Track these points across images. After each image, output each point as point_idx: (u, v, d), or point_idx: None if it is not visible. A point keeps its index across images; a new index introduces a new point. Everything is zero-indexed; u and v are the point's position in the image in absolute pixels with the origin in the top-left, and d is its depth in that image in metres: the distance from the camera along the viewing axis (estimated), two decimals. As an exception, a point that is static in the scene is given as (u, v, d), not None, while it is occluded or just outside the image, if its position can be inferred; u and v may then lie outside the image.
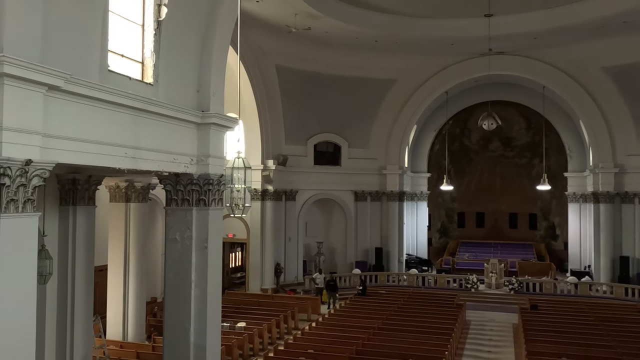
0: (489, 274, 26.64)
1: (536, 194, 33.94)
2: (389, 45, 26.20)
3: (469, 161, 37.07)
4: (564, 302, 23.02)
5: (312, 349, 14.56)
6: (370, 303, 21.94)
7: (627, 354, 14.29)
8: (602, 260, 26.94)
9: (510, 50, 27.05)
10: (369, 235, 30.25)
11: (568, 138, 31.54)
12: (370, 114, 29.85)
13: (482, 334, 19.56)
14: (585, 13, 22.28)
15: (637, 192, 26.30)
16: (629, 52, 24.71)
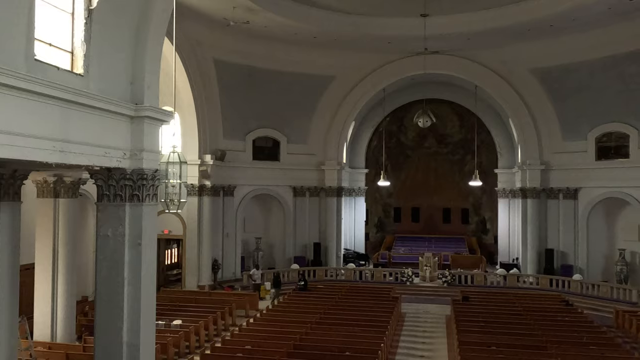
0: (424, 267, 27.37)
1: (468, 190, 35.14)
2: (328, 41, 26.39)
3: (405, 157, 37.89)
4: (493, 293, 23.98)
5: (250, 345, 14.51)
6: (308, 298, 22.07)
7: (551, 342, 15.08)
8: (529, 253, 28.25)
9: (445, 50, 27.84)
10: (307, 230, 30.40)
11: (498, 136, 32.83)
12: (309, 110, 29.96)
13: (417, 326, 20.09)
14: (515, 16, 23.26)
15: (561, 188, 27.72)
16: (555, 54, 25.98)
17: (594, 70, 25.40)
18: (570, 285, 24.88)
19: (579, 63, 25.64)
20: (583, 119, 26.61)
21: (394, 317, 18.66)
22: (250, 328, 16.96)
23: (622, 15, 21.91)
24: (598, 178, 26.23)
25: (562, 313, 19.69)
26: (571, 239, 27.33)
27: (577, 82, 26.21)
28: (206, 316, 18.02)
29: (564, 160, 27.62)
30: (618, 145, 25.94)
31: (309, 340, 15.11)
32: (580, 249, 27.08)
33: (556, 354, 13.76)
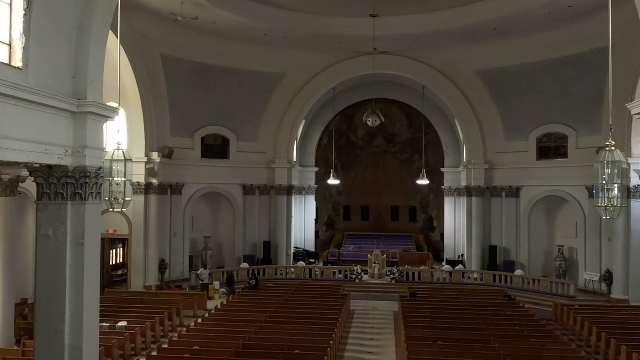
0: (373, 264, 27.71)
1: (416, 188, 35.82)
2: (278, 39, 26.32)
3: (355, 156, 38.26)
4: (440, 289, 24.54)
5: (198, 346, 14.31)
6: (258, 297, 21.96)
7: (494, 335, 15.57)
8: (473, 249, 29.07)
9: (393, 50, 28.26)
10: (257, 229, 30.25)
11: (445, 136, 33.60)
12: (259, 108, 29.80)
13: (366, 323, 20.33)
14: (461, 19, 23.85)
15: (504, 186, 28.63)
16: (499, 57, 26.81)
17: (535, 73, 26.34)
18: (513, 280, 25.76)
19: (521, 66, 26.54)
20: (525, 120, 27.57)
21: (343, 314, 18.82)
22: (198, 328, 16.73)
23: (561, 20, 22.80)
24: (539, 177, 27.25)
25: (504, 308, 20.35)
26: (513, 235, 28.28)
27: (519, 84, 27.12)
28: (153, 317, 17.65)
29: (507, 160, 28.53)
30: (557, 145, 27.01)
31: (258, 340, 15.04)
32: (522, 246, 28.07)
33: (499, 347, 14.21)
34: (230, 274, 25.52)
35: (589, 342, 17.05)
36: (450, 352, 13.85)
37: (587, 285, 25.02)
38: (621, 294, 22.91)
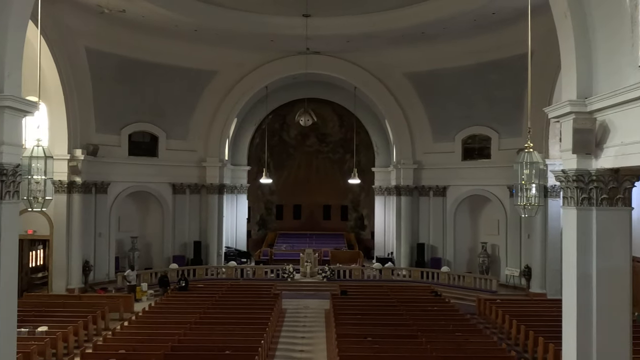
0: (304, 263, 27.83)
1: (347, 187, 36.29)
2: (210, 36, 25.91)
3: (287, 155, 38.28)
4: (370, 286, 25.00)
5: (124, 349, 13.85)
6: (187, 297, 21.55)
7: (422, 330, 16.03)
8: (402, 247, 29.81)
9: (326, 50, 28.49)
10: (187, 228, 29.65)
11: (376, 136, 34.25)
12: (190, 105, 29.21)
13: (297, 321, 20.40)
14: (391, 22, 24.37)
15: (431, 186, 29.54)
16: (427, 60, 27.63)
17: (461, 77, 27.31)
18: (439, 276, 26.62)
19: (448, 69, 27.46)
20: (451, 122, 28.56)
21: (274, 313, 18.79)
22: (124, 331, 16.20)
23: (486, 27, 23.77)
24: (464, 177, 28.30)
25: (431, 303, 21.00)
26: (440, 233, 29.24)
27: (446, 87, 28.05)
28: (76, 321, 16.92)
29: (434, 160, 29.44)
30: (481, 146, 28.16)
31: (187, 341, 14.76)
32: (448, 243, 29.07)
33: (426, 342, 14.65)
34: (163, 275, 24.90)
35: (510, 334, 17.90)
36: (380, 347, 14.13)
37: (508, 280, 26.24)
38: (539, 288, 24.21)
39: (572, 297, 9.07)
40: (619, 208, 8.90)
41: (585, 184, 8.91)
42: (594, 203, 8.85)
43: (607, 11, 8.78)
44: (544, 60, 21.79)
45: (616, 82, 8.43)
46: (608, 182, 8.80)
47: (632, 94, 7.85)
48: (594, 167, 8.86)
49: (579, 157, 8.92)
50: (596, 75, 9.04)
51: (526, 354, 16.02)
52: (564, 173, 9.23)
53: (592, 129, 8.69)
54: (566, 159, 9.28)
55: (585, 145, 8.66)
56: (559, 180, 9.46)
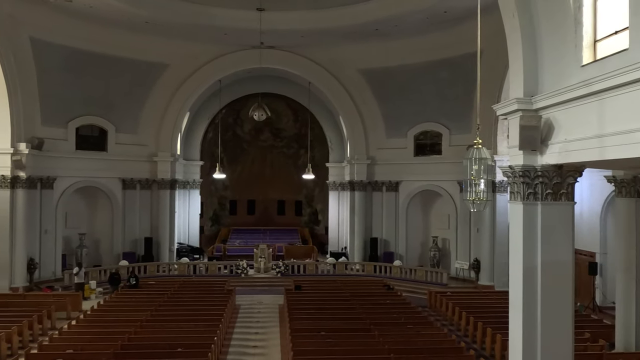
0: (258, 258, 27.72)
1: (302, 182, 36.34)
2: (161, 28, 25.39)
3: (241, 150, 37.98)
4: (324, 281, 25.12)
5: (71, 349, 13.45)
6: (138, 295, 21.12)
7: (374, 323, 16.22)
8: (356, 241, 30.10)
9: (280, 45, 28.39)
10: (138, 224, 29.02)
11: (330, 131, 34.39)
12: (141, 98, 28.57)
13: (251, 317, 20.31)
14: (344, 18, 24.45)
15: (384, 181, 29.92)
16: (380, 56, 27.90)
17: (414, 74, 27.71)
18: (392, 270, 27.02)
19: (401, 66, 27.81)
20: (404, 118, 28.97)
21: (227, 309, 18.64)
22: (72, 331, 15.75)
23: (437, 25, 24.21)
24: (416, 172, 28.78)
25: (384, 297, 21.28)
26: (393, 228, 29.68)
27: (399, 84, 28.42)
28: (20, 321, 16.29)
29: (387, 156, 29.82)
30: (433, 142, 28.72)
31: (138, 339, 14.46)
32: (400, 237, 29.54)
33: (378, 335, 14.85)
34: (114, 272, 24.21)
35: (459, 326, 18.36)
36: (333, 341, 14.24)
37: (458, 273, 26.91)
38: (487, 280, 24.93)
39: (518, 289, 9.39)
40: (563, 203, 9.26)
41: (531, 179, 9.22)
42: (539, 198, 9.18)
43: (552, 12, 9.10)
44: (493, 59, 22.35)
45: (560, 81, 8.76)
46: (552, 177, 9.14)
47: (575, 92, 8.17)
48: (539, 163, 9.18)
49: (525, 154, 9.23)
50: (542, 74, 9.36)
51: (475, 345, 16.46)
52: (511, 169, 9.53)
53: (538, 126, 9.00)
54: (513, 155, 9.59)
55: (531, 142, 8.96)
56: (506, 175, 9.76)
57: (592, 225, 21.40)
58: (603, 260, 20.97)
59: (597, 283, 21.11)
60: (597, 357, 13.25)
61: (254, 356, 15.62)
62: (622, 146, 7.31)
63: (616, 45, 7.74)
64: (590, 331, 15.59)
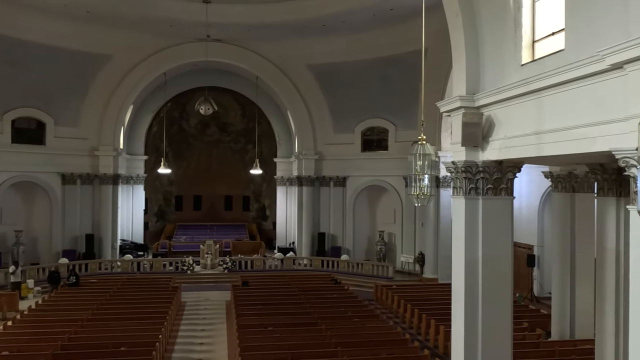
0: (205, 255, 27.37)
1: (249, 178, 36.10)
2: (104, 17, 24.56)
3: (187, 145, 37.33)
4: (271, 276, 25.07)
5: (7, 351, 12.90)
6: (79, 293, 20.45)
7: (321, 318, 16.35)
8: (304, 236, 30.19)
9: (227, 39, 28.02)
10: (79, 221, 28.07)
11: (278, 126, 34.26)
12: (81, 90, 27.58)
13: (197, 314, 20.04)
14: (292, 13, 24.41)
15: (332, 176, 30.12)
16: (328, 52, 27.98)
17: (361, 70, 27.94)
18: (339, 265, 27.26)
19: (349, 62, 27.98)
20: (351, 114, 29.22)
21: (173, 307, 18.34)
22: (8, 332, 15.08)
23: (384, 22, 24.51)
24: (363, 168, 29.12)
25: (331, 291, 21.47)
26: (340, 223, 29.94)
27: (346, 80, 28.60)
28: (-50, 323, 15.52)
29: (335, 151, 30.01)
30: (379, 138, 29.11)
31: (79, 339, 14.02)
32: (348, 232, 29.84)
33: (325, 328, 14.98)
34: (54, 271, 23.26)
35: (405, 318, 18.74)
36: (281, 336, 14.26)
37: (404, 267, 27.45)
38: (431, 273, 25.55)
39: (460, 281, 9.67)
40: (502, 197, 9.58)
41: (472, 174, 9.49)
42: (480, 193, 9.47)
43: (493, 12, 9.38)
44: (438, 57, 22.85)
45: (501, 80, 9.05)
46: (493, 173, 9.44)
47: (514, 91, 8.46)
48: (481, 159, 9.47)
49: (467, 150, 9.49)
50: (484, 73, 9.65)
51: (420, 336, 16.85)
52: (453, 164, 9.78)
53: (479, 123, 9.27)
54: (456, 151, 9.84)
55: (472, 139, 9.22)
56: (449, 171, 10.02)
57: (530, 219, 22.27)
58: (540, 252, 21.88)
59: (534, 274, 21.99)
60: (534, 346, 13.82)
61: (201, 353, 15.44)
62: (558, 143, 7.63)
63: (553, 46, 8.05)
64: (528, 321, 16.26)
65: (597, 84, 6.72)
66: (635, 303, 5.86)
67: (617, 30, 6.30)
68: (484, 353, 9.39)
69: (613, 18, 6.48)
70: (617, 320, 10.16)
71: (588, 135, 6.94)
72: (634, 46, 5.61)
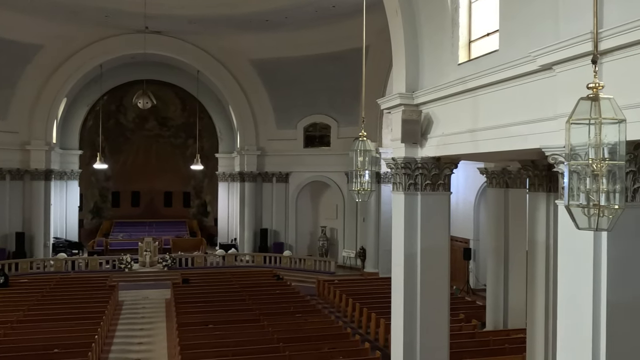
0: (144, 252, 26.73)
1: (190, 173, 35.45)
2: (35, 6, 23.39)
3: (125, 139, 36.25)
4: (213, 273, 24.78)
5: None
6: (8, 294, 19.47)
7: (264, 314, 16.32)
8: (246, 232, 29.98)
9: (167, 31, 27.36)
10: (7, 218, 26.74)
11: (219, 121, 33.82)
12: (10, 82, 26.23)
13: (136, 313, 19.56)
14: (234, 6, 24.03)
15: (274, 172, 30.03)
16: (271, 47, 27.79)
17: (304, 66, 27.93)
18: (281, 261, 27.25)
19: (291, 58, 27.92)
20: (294, 109, 29.21)
21: (110, 306, 17.81)
22: None
23: (327, 19, 24.57)
24: (305, 163, 29.19)
25: (273, 287, 21.44)
26: (283, 218, 29.91)
27: (289, 76, 28.53)
28: None
29: (277, 147, 29.94)
30: (322, 134, 29.27)
31: (8, 342, 13.37)
32: (290, 228, 29.86)
33: (267, 325, 14.95)
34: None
35: (346, 312, 18.95)
36: (222, 334, 14.12)
37: (346, 262, 27.76)
38: (373, 267, 25.96)
39: (399, 275, 9.87)
40: (440, 193, 9.84)
41: (412, 170, 9.69)
42: (419, 188, 9.69)
43: (432, 12, 9.59)
44: (379, 54, 23.17)
45: (439, 78, 9.27)
46: (431, 169, 9.67)
47: (451, 89, 8.69)
48: (420, 155, 9.68)
49: (407, 146, 9.69)
50: (423, 71, 9.86)
51: (360, 330, 17.09)
52: (393, 161, 9.96)
53: (418, 120, 9.48)
54: (396, 148, 10.03)
55: (412, 135, 9.42)
56: (389, 167, 10.19)
57: (466, 213, 23.00)
58: (476, 246, 22.64)
59: (471, 267, 22.75)
60: (470, 336, 14.30)
61: (139, 353, 15.07)
62: (492, 140, 7.90)
63: (488, 46, 8.32)
64: (465, 312, 16.81)
65: (529, 84, 7.00)
66: (563, 294, 6.17)
67: (547, 33, 6.58)
68: (422, 344, 9.63)
69: (544, 21, 6.76)
70: (546, 310, 10.66)
71: (520, 133, 7.21)
72: (561, 48, 5.87)
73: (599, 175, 3.59)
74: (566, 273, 6.10)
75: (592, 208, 3.63)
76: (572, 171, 3.70)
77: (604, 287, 5.55)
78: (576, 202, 3.70)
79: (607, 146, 3.59)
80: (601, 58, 5.40)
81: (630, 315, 5.61)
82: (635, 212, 5.49)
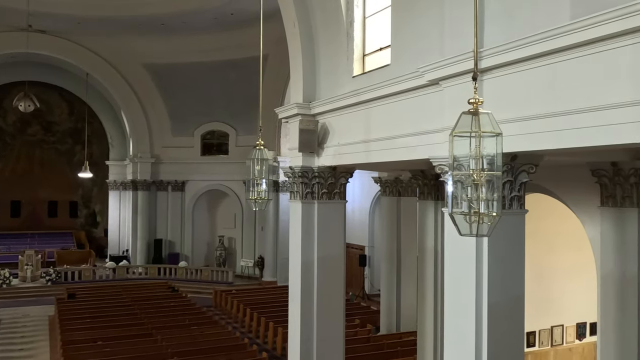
0: (24, 266, 24.80)
1: (78, 182, 33.54)
2: None
3: (4, 144, 33.62)
4: (102, 287, 23.50)
5: None
6: None
7: (156, 328, 15.75)
8: (139, 243, 28.77)
9: (53, 30, 25.71)
10: None
11: (110, 127, 32.31)
12: None
13: (14, 332, 18.08)
14: (126, 8, 23.06)
15: (170, 180, 29.14)
16: (167, 52, 27.01)
17: (201, 72, 27.37)
18: (177, 272, 26.43)
19: (189, 64, 27.27)
20: (191, 116, 28.57)
21: (-16, 326, 16.34)
22: None
23: (225, 26, 24.30)
24: (203, 172, 28.61)
25: (168, 299, 20.76)
26: (178, 228, 29.07)
27: (186, 82, 27.84)
28: None
29: (173, 155, 29.09)
30: (220, 142, 28.88)
31: None
32: (186, 238, 29.08)
33: (161, 339, 14.42)
34: None
35: (244, 322, 18.74)
36: (111, 350, 13.42)
37: (244, 271, 27.49)
38: (271, 276, 25.93)
39: (297, 282, 9.94)
40: (336, 201, 10.06)
41: (309, 179, 9.83)
42: (316, 197, 9.85)
43: (328, 24, 9.83)
44: (277, 63, 23.29)
45: (335, 89, 9.51)
46: (327, 178, 9.87)
47: (346, 101, 8.95)
48: (316, 164, 9.85)
49: (304, 155, 9.81)
50: (320, 82, 10.06)
51: (258, 340, 16.96)
52: (291, 169, 10.05)
53: (315, 130, 9.64)
54: (293, 157, 10.13)
55: (309, 145, 9.56)
56: (287, 176, 10.27)
57: (362, 221, 23.67)
58: (371, 252, 23.35)
59: (366, 273, 23.40)
60: (365, 341, 14.69)
61: (17, 376, 13.95)
62: (384, 151, 8.21)
63: (381, 60, 8.66)
64: (360, 317, 17.26)
65: (418, 98, 7.36)
66: (449, 296, 6.52)
67: (434, 50, 6.97)
68: (319, 351, 9.75)
69: (431, 38, 7.15)
70: (435, 313, 11.21)
71: (410, 144, 7.56)
72: (446, 65, 6.25)
73: (479, 184, 3.84)
74: (452, 276, 6.45)
75: (473, 215, 3.87)
76: (456, 181, 3.93)
77: (485, 289, 5.93)
78: (459, 209, 3.93)
79: (486, 157, 3.85)
80: (482, 75, 5.81)
81: (509, 315, 6.04)
82: (512, 219, 5.94)
